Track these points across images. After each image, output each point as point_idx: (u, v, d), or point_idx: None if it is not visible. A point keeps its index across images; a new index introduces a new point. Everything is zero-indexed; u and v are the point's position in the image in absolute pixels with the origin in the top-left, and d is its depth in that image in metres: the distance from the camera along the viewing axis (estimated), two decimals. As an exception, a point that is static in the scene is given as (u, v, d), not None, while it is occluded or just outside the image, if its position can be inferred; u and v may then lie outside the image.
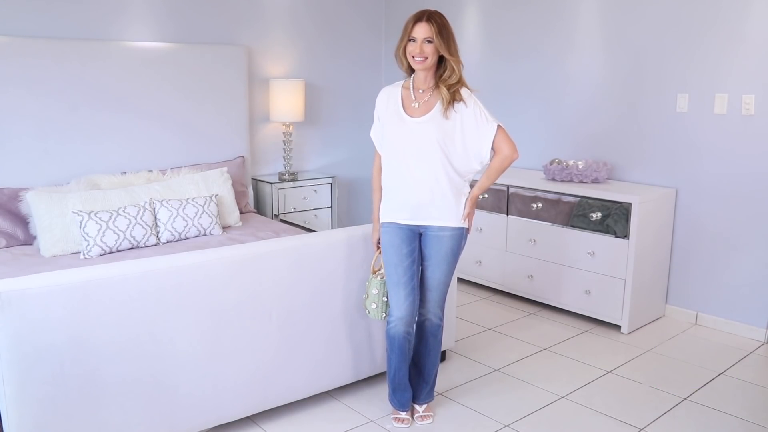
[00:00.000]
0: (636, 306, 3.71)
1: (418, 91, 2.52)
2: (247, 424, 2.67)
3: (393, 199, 2.57)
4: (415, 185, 2.50)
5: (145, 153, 4.00)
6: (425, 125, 2.46)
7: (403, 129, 2.49)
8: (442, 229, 2.53)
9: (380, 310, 2.65)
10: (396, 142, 2.52)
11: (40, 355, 2.08)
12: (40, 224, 3.28)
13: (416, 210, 2.52)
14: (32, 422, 2.09)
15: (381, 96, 2.63)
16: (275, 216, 4.52)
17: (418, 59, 2.42)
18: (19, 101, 3.53)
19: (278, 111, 4.58)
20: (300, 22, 4.80)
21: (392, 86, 2.62)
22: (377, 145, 2.67)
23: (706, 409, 2.86)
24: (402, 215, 2.55)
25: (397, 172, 2.53)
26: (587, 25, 4.17)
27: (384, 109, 2.58)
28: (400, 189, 2.54)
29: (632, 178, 4.05)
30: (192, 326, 2.37)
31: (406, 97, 2.53)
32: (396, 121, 2.51)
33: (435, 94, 2.50)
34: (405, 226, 2.56)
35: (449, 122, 2.46)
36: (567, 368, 3.25)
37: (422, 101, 2.50)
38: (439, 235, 2.54)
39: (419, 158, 2.47)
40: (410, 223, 2.55)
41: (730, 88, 3.57)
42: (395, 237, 2.55)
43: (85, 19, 3.83)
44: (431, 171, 2.48)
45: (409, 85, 2.55)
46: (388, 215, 2.58)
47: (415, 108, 2.50)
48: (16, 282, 2.06)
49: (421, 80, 2.51)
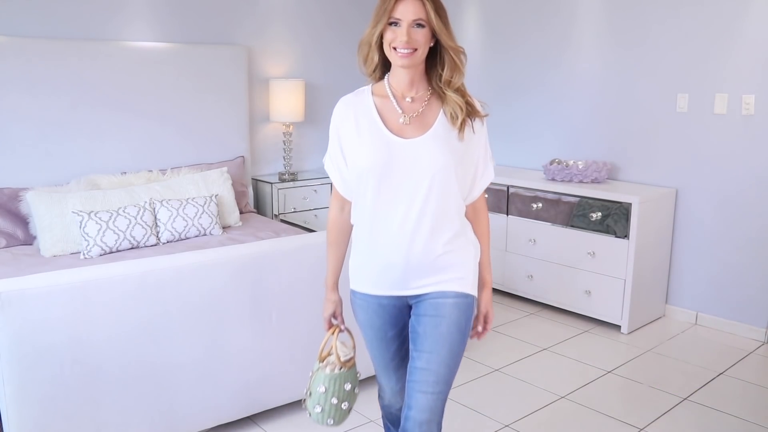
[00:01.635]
0: (636, 306, 3.71)
1: (404, 101, 1.73)
2: (247, 424, 2.67)
3: (371, 261, 1.76)
4: (409, 239, 1.69)
5: (145, 153, 4.00)
6: (430, 147, 1.68)
7: (392, 156, 1.68)
8: (444, 294, 1.73)
9: (327, 415, 1.87)
10: (379, 176, 1.69)
11: (40, 355, 2.08)
12: (40, 224, 3.28)
13: (408, 275, 1.73)
14: (32, 422, 2.09)
15: (339, 111, 1.78)
16: (275, 216, 4.52)
17: (402, 51, 1.64)
18: (19, 101, 3.53)
19: (278, 111, 4.58)
20: (300, 22, 4.80)
21: (355, 95, 1.79)
22: (338, 184, 1.83)
23: (705, 409, 2.86)
24: (384, 284, 1.76)
25: (381, 221, 1.72)
26: (588, 25, 4.17)
27: (349, 130, 1.74)
28: (385, 246, 1.72)
29: (632, 178, 4.05)
30: (192, 326, 2.37)
31: (385, 110, 1.73)
32: (376, 144, 1.70)
33: (432, 104, 1.74)
34: (389, 302, 1.78)
35: (462, 145, 1.72)
36: (567, 368, 3.25)
37: (413, 114, 1.72)
38: (439, 302, 1.73)
39: (419, 197, 1.68)
40: (397, 293, 1.76)
41: (730, 88, 3.57)
42: (375, 317, 1.81)
43: (85, 19, 3.82)
44: (437, 214, 1.70)
45: (386, 92, 1.74)
46: (363, 283, 1.80)
47: (405, 125, 1.70)
48: (16, 282, 2.06)
49: (405, 84, 1.73)
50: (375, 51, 1.72)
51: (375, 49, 1.72)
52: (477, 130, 1.75)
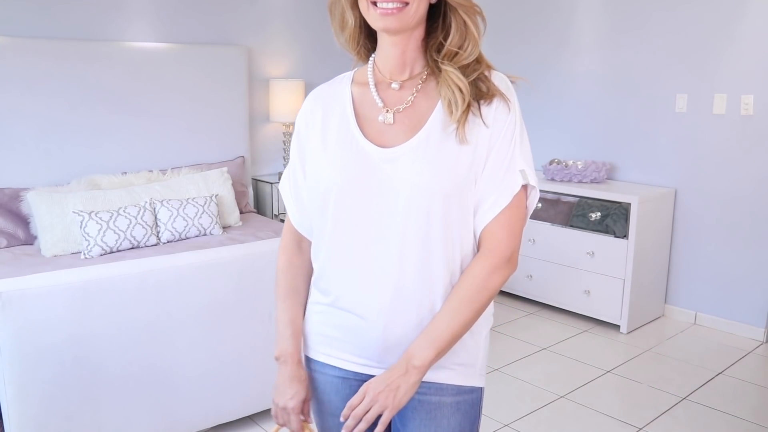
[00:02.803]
0: (635, 306, 3.71)
1: (388, 88, 1.18)
2: (247, 423, 2.67)
3: (333, 321, 1.23)
4: (387, 300, 1.15)
5: (146, 153, 4.00)
6: (413, 162, 1.12)
7: (361, 173, 1.15)
8: (441, 389, 1.19)
9: None
10: (340, 204, 1.17)
11: (41, 355, 2.08)
12: (41, 224, 3.29)
13: (387, 350, 1.18)
14: (33, 422, 2.10)
15: (305, 109, 1.26)
16: (275, 216, 4.52)
17: (384, 7, 1.08)
18: (20, 101, 3.53)
19: (278, 111, 4.59)
20: (300, 22, 4.81)
21: (329, 85, 1.27)
22: (291, 211, 1.30)
23: (705, 408, 2.86)
24: (352, 354, 1.22)
25: (343, 267, 1.19)
26: (587, 25, 4.17)
27: (314, 135, 1.22)
28: (353, 305, 1.19)
29: (631, 178, 4.06)
30: (192, 326, 2.38)
31: (364, 104, 1.19)
32: (342, 155, 1.17)
33: (429, 89, 1.16)
34: (357, 379, 1.23)
35: (467, 150, 1.12)
36: (566, 368, 3.26)
37: (399, 107, 1.16)
38: (432, 401, 1.19)
39: (393, 238, 1.13)
40: (372, 372, 1.21)
41: (729, 88, 3.58)
42: (337, 399, 1.26)
43: (85, 19, 3.83)
44: (429, 262, 1.14)
45: (367, 79, 1.21)
46: (323, 347, 1.27)
47: (387, 125, 1.16)
48: (17, 282, 2.07)
49: (394, 62, 1.17)
50: (348, 9, 1.16)
51: (348, 7, 1.15)
52: (491, 121, 1.12)
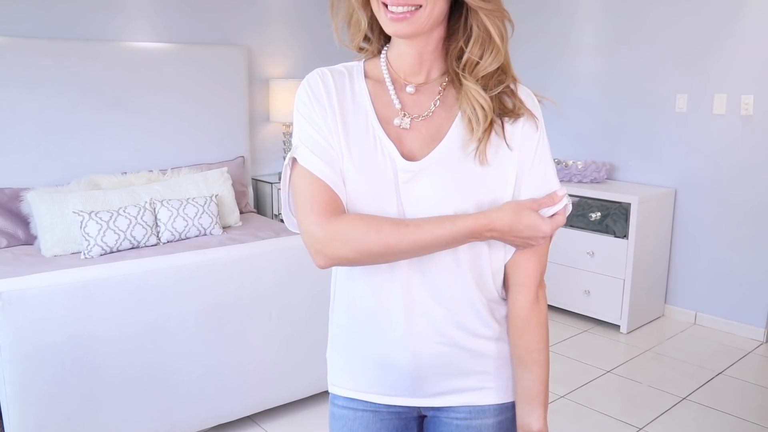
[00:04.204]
0: (635, 306, 3.71)
1: (403, 89, 1.08)
2: (247, 423, 2.67)
3: (361, 351, 1.13)
4: (409, 319, 1.07)
5: (145, 153, 4.00)
6: (433, 181, 1.03)
7: (386, 187, 1.04)
8: (481, 411, 1.12)
9: None
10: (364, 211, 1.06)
11: (41, 355, 2.08)
12: (41, 224, 3.29)
13: (418, 378, 1.10)
14: (33, 421, 2.10)
15: (313, 84, 1.09)
16: (275, 216, 4.52)
17: (396, 10, 0.99)
18: (19, 101, 3.53)
19: (278, 111, 4.58)
20: (300, 22, 4.81)
21: (337, 72, 1.12)
22: (332, 181, 1.06)
23: (705, 408, 2.87)
24: (381, 385, 1.13)
25: (366, 294, 1.09)
26: (587, 25, 4.17)
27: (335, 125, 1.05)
28: (375, 336, 1.10)
29: (631, 178, 4.06)
30: (192, 326, 2.38)
31: (378, 103, 1.08)
32: (371, 164, 1.04)
33: (449, 99, 1.07)
34: (389, 415, 1.16)
35: (489, 171, 1.04)
36: (566, 368, 3.26)
37: (418, 115, 1.06)
38: (472, 425, 1.13)
39: (428, 262, 1.05)
40: (403, 402, 1.14)
41: (729, 88, 3.58)
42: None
43: (85, 19, 3.83)
44: (455, 292, 1.07)
45: (381, 75, 1.10)
46: (349, 384, 1.17)
47: (403, 130, 1.05)
48: (17, 282, 2.07)
49: (408, 63, 1.07)
50: (360, 9, 1.06)
51: (359, 6, 1.06)
52: (518, 142, 1.04)
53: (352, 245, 0.99)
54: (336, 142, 1.04)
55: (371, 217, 1.01)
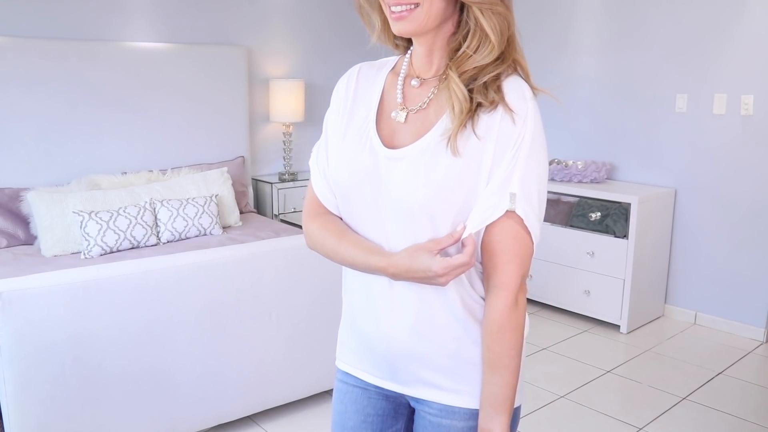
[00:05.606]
0: (635, 306, 3.72)
1: (409, 84, 1.14)
2: (247, 423, 2.68)
3: (354, 330, 1.22)
4: (386, 309, 1.14)
5: (145, 153, 4.00)
6: (408, 169, 1.07)
7: (366, 174, 1.12)
8: (452, 411, 1.14)
9: None
10: (346, 204, 1.17)
11: (41, 355, 2.08)
12: (41, 224, 3.29)
13: (393, 362, 1.16)
14: (33, 421, 2.10)
15: (343, 84, 1.22)
16: (275, 216, 4.52)
17: (396, 10, 1.05)
18: (19, 101, 3.53)
19: (278, 111, 4.59)
20: (300, 22, 4.81)
21: (372, 66, 1.22)
22: (319, 189, 1.22)
23: (704, 408, 2.87)
24: (367, 364, 1.21)
25: (362, 276, 1.17)
26: (587, 24, 4.17)
27: (341, 117, 1.19)
28: (360, 310, 1.19)
29: (631, 178, 4.06)
30: (192, 326, 2.38)
31: (389, 96, 1.16)
32: (354, 150, 1.14)
33: (444, 94, 1.09)
34: (379, 394, 1.23)
35: (459, 162, 1.04)
36: (566, 368, 3.26)
37: (416, 107, 1.12)
38: (443, 424, 1.15)
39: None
40: (388, 386, 1.20)
41: (729, 88, 3.58)
42: (354, 411, 1.25)
43: (85, 19, 3.83)
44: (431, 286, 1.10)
45: (400, 70, 1.17)
46: (348, 359, 1.26)
47: (398, 123, 1.12)
48: (17, 282, 2.07)
49: (421, 58, 1.13)
50: (373, 12, 1.14)
51: (372, 10, 1.14)
52: (490, 133, 1.04)
53: (312, 245, 1.22)
54: (333, 135, 1.20)
55: (334, 226, 1.18)
